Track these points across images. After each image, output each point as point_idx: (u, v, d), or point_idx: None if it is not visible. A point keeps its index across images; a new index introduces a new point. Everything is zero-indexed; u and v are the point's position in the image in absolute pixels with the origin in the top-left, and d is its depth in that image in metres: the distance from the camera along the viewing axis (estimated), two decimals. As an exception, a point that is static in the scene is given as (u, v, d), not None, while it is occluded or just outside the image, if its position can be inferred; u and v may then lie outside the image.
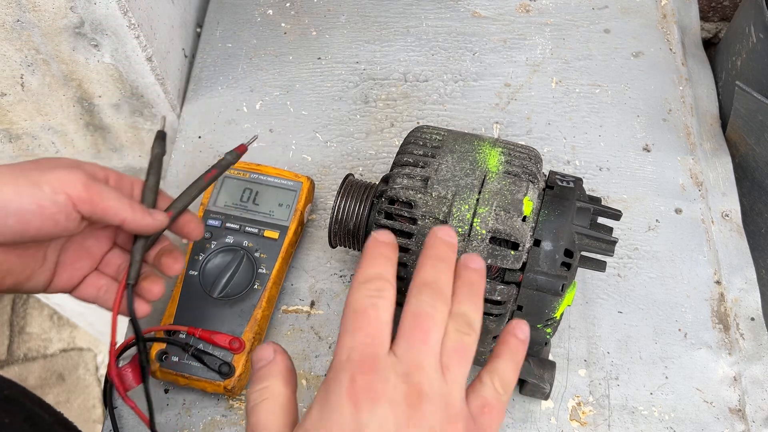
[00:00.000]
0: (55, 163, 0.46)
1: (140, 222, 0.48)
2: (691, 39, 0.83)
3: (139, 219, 0.48)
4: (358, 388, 0.34)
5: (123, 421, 0.60)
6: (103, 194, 0.46)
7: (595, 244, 0.51)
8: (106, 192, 0.46)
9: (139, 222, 0.48)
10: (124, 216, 0.47)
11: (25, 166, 0.45)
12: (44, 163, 0.46)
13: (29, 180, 0.43)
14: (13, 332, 1.80)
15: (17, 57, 0.66)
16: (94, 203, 0.45)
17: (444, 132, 0.55)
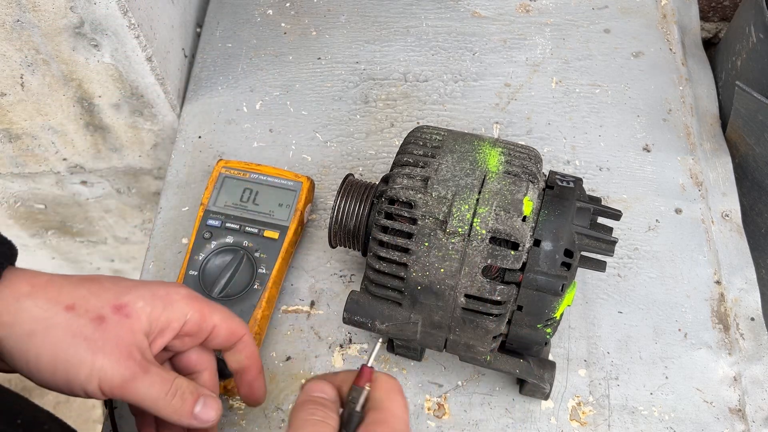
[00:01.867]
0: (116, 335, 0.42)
1: (177, 422, 0.44)
2: (691, 39, 0.83)
3: (176, 420, 0.44)
4: None
5: (123, 421, 0.60)
6: (139, 393, 0.42)
7: (595, 244, 0.51)
8: (145, 391, 0.42)
9: (176, 422, 0.44)
10: (159, 415, 0.44)
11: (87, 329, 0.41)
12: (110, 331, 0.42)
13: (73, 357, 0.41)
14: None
15: (17, 57, 0.66)
16: (126, 398, 0.42)
17: (444, 132, 0.55)
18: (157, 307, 0.44)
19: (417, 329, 0.52)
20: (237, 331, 0.48)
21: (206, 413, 0.44)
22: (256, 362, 0.50)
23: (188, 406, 0.44)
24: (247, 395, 0.51)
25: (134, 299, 0.43)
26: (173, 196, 0.71)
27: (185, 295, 0.46)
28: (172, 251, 0.68)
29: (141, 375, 0.42)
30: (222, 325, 0.47)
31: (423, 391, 0.61)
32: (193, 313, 0.45)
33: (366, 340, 0.63)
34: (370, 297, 0.53)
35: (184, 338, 0.47)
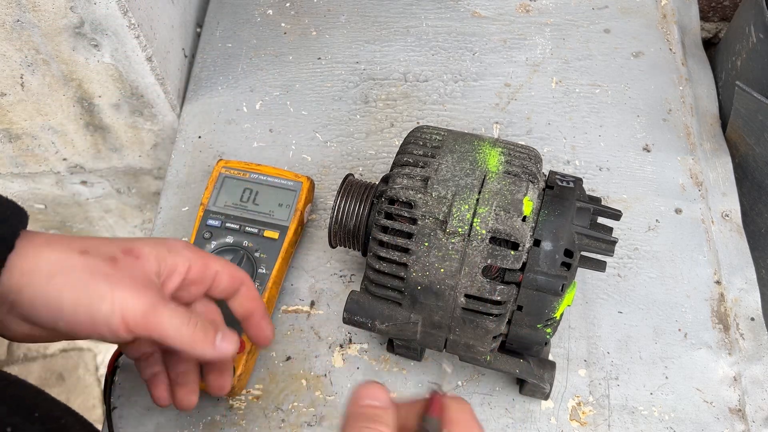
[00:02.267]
0: (131, 272, 0.43)
1: (200, 354, 0.45)
2: (691, 39, 0.83)
3: (199, 350, 0.45)
4: None
5: (123, 421, 0.60)
6: (163, 324, 0.43)
7: (595, 244, 0.51)
8: (167, 320, 0.43)
9: (199, 354, 0.45)
10: (182, 346, 0.44)
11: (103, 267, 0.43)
12: (124, 269, 0.43)
13: (94, 292, 0.42)
14: (13, 332, 1.79)
15: (17, 57, 0.66)
16: (150, 330, 0.43)
17: (444, 132, 0.55)
18: (162, 251, 0.46)
19: (417, 329, 0.52)
20: (238, 276, 0.50)
21: (227, 344, 0.45)
22: (260, 304, 0.51)
23: (211, 336, 0.45)
24: (256, 337, 0.52)
25: (141, 245, 0.45)
26: (173, 196, 0.71)
27: (186, 245, 0.48)
28: (172, 251, 0.68)
29: (162, 304, 0.43)
30: (224, 272, 0.49)
31: (423, 391, 0.61)
32: (196, 259, 0.47)
33: (366, 340, 0.63)
34: (370, 297, 0.53)
35: (190, 287, 0.48)
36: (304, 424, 0.60)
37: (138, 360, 0.52)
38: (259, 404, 0.61)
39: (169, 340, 0.43)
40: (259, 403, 0.61)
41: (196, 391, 0.52)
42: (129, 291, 0.42)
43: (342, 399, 0.61)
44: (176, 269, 0.46)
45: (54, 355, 1.77)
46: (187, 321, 0.44)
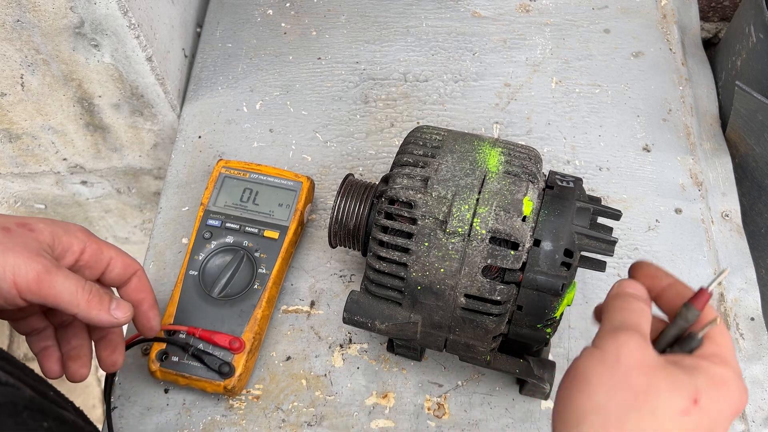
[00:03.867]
0: (23, 241, 0.44)
1: (95, 319, 0.46)
2: (691, 39, 0.83)
3: (94, 315, 0.46)
4: None
5: (123, 421, 0.60)
6: (56, 288, 0.44)
7: (595, 244, 0.51)
8: (60, 285, 0.44)
9: (94, 319, 0.46)
10: (77, 311, 0.45)
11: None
12: (17, 238, 0.44)
13: None
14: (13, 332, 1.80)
15: (17, 57, 0.66)
16: (43, 296, 0.43)
17: (444, 132, 0.55)
18: (57, 230, 0.46)
19: (417, 329, 0.52)
20: (131, 265, 0.51)
21: (120, 312, 0.47)
22: (150, 296, 0.52)
23: (106, 302, 0.46)
24: (143, 325, 0.53)
25: (36, 221, 0.46)
26: (173, 196, 0.71)
27: (82, 229, 0.48)
28: (172, 251, 0.68)
29: (55, 270, 0.44)
30: (117, 259, 0.50)
31: (423, 391, 0.61)
32: (91, 243, 0.48)
33: (366, 340, 0.63)
34: (370, 297, 0.53)
35: (84, 270, 0.49)
36: (304, 424, 0.60)
37: (29, 335, 0.52)
38: (259, 404, 0.61)
39: (64, 304, 0.44)
40: (259, 403, 0.61)
41: (88, 365, 0.52)
42: (21, 257, 0.43)
43: (342, 399, 0.61)
44: (70, 248, 0.47)
45: (54, 355, 1.77)
46: (82, 286, 0.45)
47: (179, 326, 0.59)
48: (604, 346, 0.38)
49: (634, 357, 0.37)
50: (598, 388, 0.36)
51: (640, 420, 0.35)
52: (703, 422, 0.36)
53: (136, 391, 0.61)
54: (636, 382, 0.36)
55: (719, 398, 0.37)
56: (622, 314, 0.40)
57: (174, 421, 0.60)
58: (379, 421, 0.60)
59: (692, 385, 0.36)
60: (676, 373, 0.37)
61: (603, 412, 0.36)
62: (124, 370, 0.62)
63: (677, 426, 0.35)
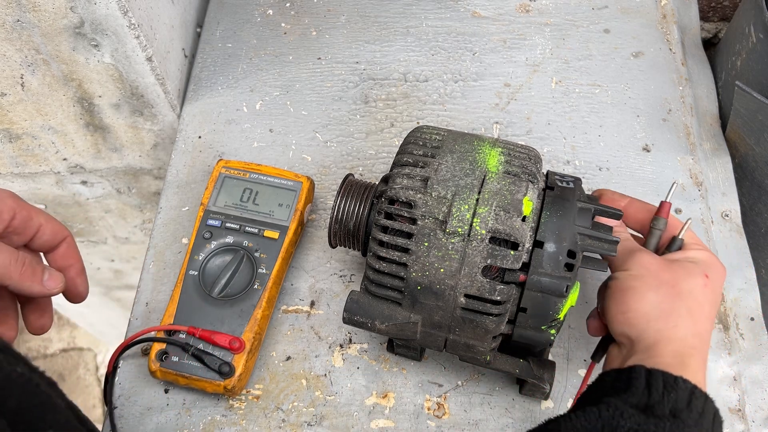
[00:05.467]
0: None
1: (27, 290, 0.47)
2: (691, 39, 0.83)
3: (27, 286, 0.47)
4: None
5: (123, 421, 0.60)
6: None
7: (598, 244, 0.51)
8: None
9: (26, 290, 0.47)
10: (11, 283, 0.46)
11: None
12: None
13: None
14: (13, 332, 1.80)
15: (17, 57, 0.66)
16: None
17: (444, 132, 0.55)
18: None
19: (417, 329, 0.52)
20: (60, 232, 0.51)
21: (53, 282, 0.48)
22: (78, 261, 0.53)
23: (39, 274, 0.47)
24: (70, 291, 0.53)
25: None
26: (173, 196, 0.71)
27: (11, 195, 0.48)
28: (172, 251, 0.68)
29: None
30: (47, 225, 0.50)
31: (423, 391, 0.61)
32: (20, 209, 0.48)
33: (366, 340, 0.63)
34: (370, 297, 0.53)
35: (12, 236, 0.49)
36: (304, 424, 0.60)
37: None
38: (259, 404, 0.61)
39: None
40: (259, 403, 0.61)
41: (15, 328, 0.52)
42: None
43: (342, 399, 0.61)
44: (0, 216, 0.47)
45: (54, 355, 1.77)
46: (15, 258, 0.46)
47: (179, 326, 0.59)
48: (631, 267, 0.51)
49: (654, 264, 0.50)
50: (646, 292, 0.49)
51: (684, 300, 0.48)
52: (715, 289, 0.50)
53: (136, 391, 0.61)
54: (667, 278, 0.49)
55: (716, 270, 0.51)
56: (623, 244, 0.53)
57: (174, 421, 0.60)
58: (379, 421, 0.60)
59: (698, 267, 0.50)
60: (684, 264, 0.51)
61: (658, 304, 0.48)
62: (124, 370, 0.62)
63: (705, 296, 0.49)
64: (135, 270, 1.18)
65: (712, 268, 0.51)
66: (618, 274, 0.51)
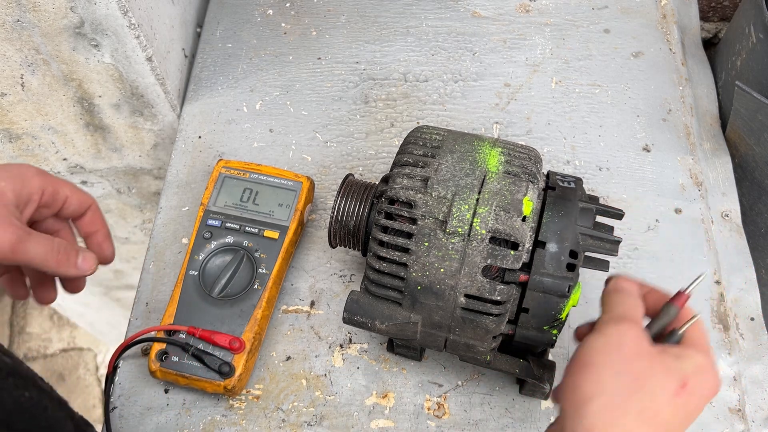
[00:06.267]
0: None
1: (64, 273, 0.50)
2: (691, 39, 0.83)
3: (63, 272, 0.50)
4: None
5: (123, 421, 0.60)
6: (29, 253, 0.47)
7: (599, 244, 0.51)
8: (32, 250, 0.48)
9: (63, 274, 0.50)
10: (48, 269, 0.49)
11: None
12: None
13: None
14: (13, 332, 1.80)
15: (17, 57, 0.66)
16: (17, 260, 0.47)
17: (444, 132, 0.55)
18: (17, 184, 0.49)
19: (417, 329, 0.52)
20: (86, 200, 0.54)
21: (87, 264, 0.52)
22: (103, 227, 0.56)
23: (72, 259, 0.51)
24: (98, 254, 0.55)
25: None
26: (173, 196, 0.71)
27: (37, 172, 0.51)
28: (172, 251, 0.68)
29: (27, 237, 0.47)
30: (73, 196, 0.53)
31: (423, 391, 0.61)
32: (47, 186, 0.51)
33: (366, 340, 0.63)
34: (370, 297, 0.53)
35: (42, 209, 0.52)
36: (304, 424, 0.60)
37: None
38: (259, 404, 0.61)
39: (35, 265, 0.48)
40: (259, 403, 0.61)
41: (54, 289, 0.55)
42: None
43: (342, 399, 0.61)
44: (31, 198, 0.50)
45: (54, 355, 1.77)
46: (51, 247, 0.49)
47: (179, 326, 0.59)
48: (609, 334, 0.42)
49: (634, 344, 0.42)
50: (604, 372, 0.41)
51: (640, 400, 0.40)
52: (690, 403, 0.41)
53: (136, 391, 0.61)
54: (637, 366, 0.41)
55: (702, 382, 0.42)
56: (622, 307, 0.45)
57: (174, 421, 0.60)
58: (379, 421, 0.60)
59: (681, 371, 0.41)
60: (668, 360, 0.42)
61: (609, 392, 0.40)
62: (124, 370, 0.62)
63: (670, 406, 0.40)
64: (135, 270, 1.18)
65: (698, 377, 0.42)
66: (594, 335, 0.43)
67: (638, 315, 0.45)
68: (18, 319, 1.80)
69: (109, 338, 1.66)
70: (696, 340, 0.45)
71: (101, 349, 1.79)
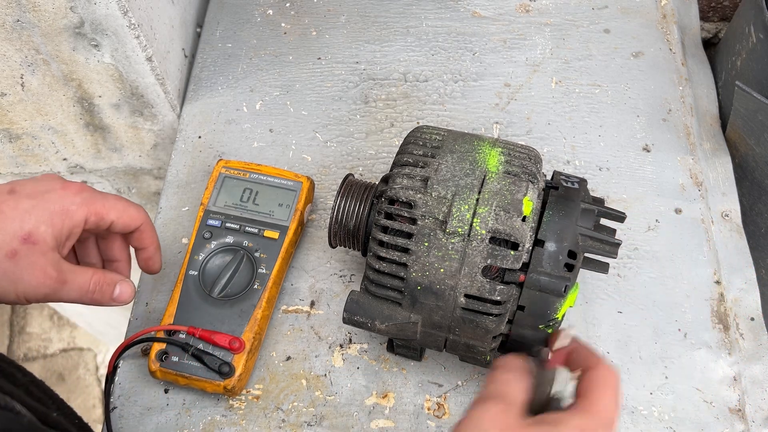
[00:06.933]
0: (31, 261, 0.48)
1: (99, 305, 0.53)
2: (691, 39, 0.83)
3: (98, 304, 0.53)
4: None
5: (123, 421, 0.60)
6: (64, 297, 0.50)
7: (599, 245, 0.51)
8: (68, 294, 0.50)
9: (98, 305, 0.53)
10: (84, 304, 0.52)
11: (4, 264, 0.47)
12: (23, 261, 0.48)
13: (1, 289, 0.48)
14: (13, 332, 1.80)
15: (17, 57, 0.66)
16: (54, 302, 0.50)
17: (444, 132, 0.55)
18: (57, 224, 0.49)
19: (417, 329, 0.52)
20: (133, 221, 0.54)
21: (122, 297, 0.54)
22: (152, 243, 0.57)
23: (107, 295, 0.53)
24: (145, 268, 0.59)
25: (36, 225, 0.49)
26: (173, 196, 0.71)
27: (82, 202, 0.51)
28: (172, 251, 0.68)
29: (60, 287, 0.49)
30: (118, 221, 0.53)
31: (423, 391, 0.61)
32: (91, 215, 0.51)
33: (366, 340, 0.63)
34: (370, 297, 0.53)
35: (86, 233, 0.54)
36: (304, 424, 0.60)
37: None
38: (259, 404, 0.61)
39: (71, 301, 0.51)
40: (259, 403, 0.61)
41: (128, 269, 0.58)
42: (29, 285, 0.48)
43: (342, 399, 0.61)
44: (72, 232, 0.51)
45: (54, 355, 1.77)
46: (86, 289, 0.51)
47: (179, 326, 0.59)
48: (470, 415, 0.41)
49: (495, 422, 0.40)
50: None
51: None
52: None
53: (136, 391, 0.61)
54: None
55: None
56: (491, 385, 0.44)
57: (174, 421, 0.60)
58: (379, 421, 0.60)
59: None
60: (543, 430, 0.40)
61: None
62: (124, 370, 0.62)
63: None
64: (135, 270, 1.18)
65: None
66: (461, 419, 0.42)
67: (508, 390, 0.43)
68: (18, 319, 1.80)
69: (109, 338, 1.66)
70: (586, 402, 0.41)
71: (101, 349, 1.79)
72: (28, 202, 0.49)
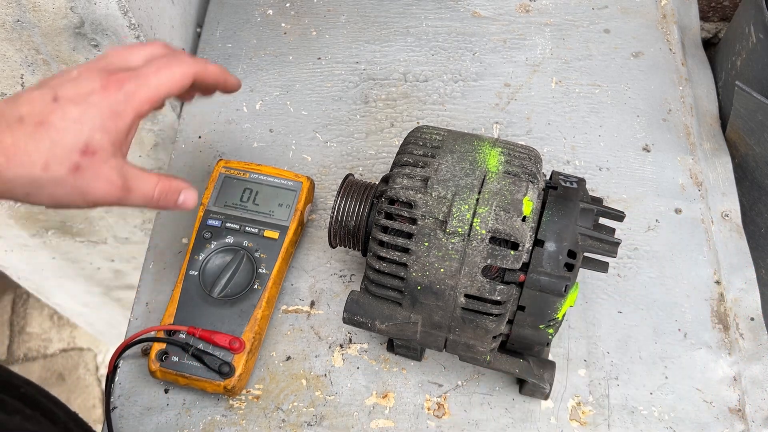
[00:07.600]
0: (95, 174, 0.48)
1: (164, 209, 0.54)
2: (691, 39, 0.83)
3: (163, 208, 0.52)
4: None
5: (123, 421, 0.60)
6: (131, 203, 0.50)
7: (599, 245, 0.51)
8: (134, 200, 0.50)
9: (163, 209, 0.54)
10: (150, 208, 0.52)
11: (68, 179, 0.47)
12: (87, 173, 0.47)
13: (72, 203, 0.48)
14: (13, 332, 1.80)
15: (17, 57, 0.66)
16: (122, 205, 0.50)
17: (444, 132, 0.55)
18: (110, 129, 0.48)
19: (417, 329, 0.52)
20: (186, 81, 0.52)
21: (188, 202, 0.53)
22: (222, 73, 0.55)
23: (171, 201, 0.52)
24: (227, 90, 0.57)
25: (90, 134, 0.47)
26: (173, 196, 0.71)
27: (125, 101, 0.49)
28: (172, 251, 0.68)
29: (125, 195, 0.49)
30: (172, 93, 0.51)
31: (423, 391, 0.61)
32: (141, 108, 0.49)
33: (366, 340, 0.63)
34: (370, 297, 0.53)
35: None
36: (304, 424, 0.60)
37: None
38: (259, 404, 0.61)
39: (138, 207, 0.52)
40: (259, 403, 0.61)
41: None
42: (97, 196, 0.48)
43: (342, 399, 0.61)
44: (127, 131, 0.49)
45: (54, 355, 1.77)
46: (150, 197, 0.51)
47: (179, 326, 0.59)
48: None
49: None
50: None
51: None
52: None
53: (136, 391, 0.61)
54: None
55: None
56: None
57: (174, 421, 0.60)
58: (379, 421, 0.60)
59: None
60: None
61: None
62: (124, 370, 0.62)
63: None
64: (135, 270, 1.18)
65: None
66: None
67: None
68: (18, 319, 1.80)
69: (109, 338, 1.66)
70: None
71: (101, 349, 1.79)
72: (76, 110, 0.47)
